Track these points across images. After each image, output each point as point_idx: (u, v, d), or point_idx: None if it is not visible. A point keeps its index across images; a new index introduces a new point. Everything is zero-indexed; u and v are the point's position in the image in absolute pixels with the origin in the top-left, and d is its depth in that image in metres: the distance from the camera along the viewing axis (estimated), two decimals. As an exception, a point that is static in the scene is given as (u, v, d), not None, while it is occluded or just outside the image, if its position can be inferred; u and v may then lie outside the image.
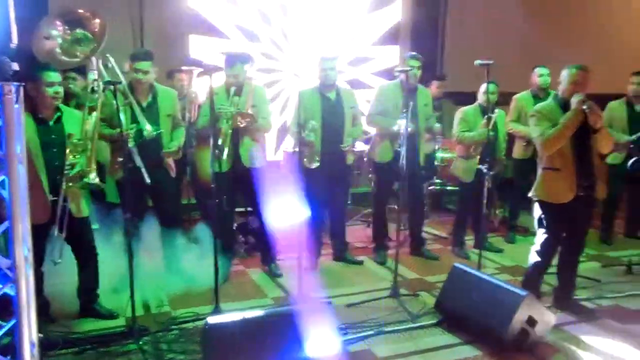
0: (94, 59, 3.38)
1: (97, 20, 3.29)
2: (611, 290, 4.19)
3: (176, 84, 5.23)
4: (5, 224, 2.20)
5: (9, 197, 2.21)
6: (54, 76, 3.26)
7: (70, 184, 3.24)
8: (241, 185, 4.33)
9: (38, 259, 3.33)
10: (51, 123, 3.32)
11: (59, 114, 3.36)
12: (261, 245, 4.55)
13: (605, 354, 3.24)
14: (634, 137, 5.16)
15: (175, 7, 5.91)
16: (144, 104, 3.93)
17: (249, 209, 4.74)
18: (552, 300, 3.87)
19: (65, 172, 3.22)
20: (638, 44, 7.92)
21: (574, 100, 3.48)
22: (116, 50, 3.90)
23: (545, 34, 7.29)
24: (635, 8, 8.43)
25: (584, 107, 3.42)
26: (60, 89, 3.33)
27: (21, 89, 2.27)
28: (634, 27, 8.25)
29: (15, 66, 2.29)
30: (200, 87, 5.09)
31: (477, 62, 3.94)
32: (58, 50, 3.12)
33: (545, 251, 3.78)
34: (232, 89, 4.15)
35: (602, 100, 4.36)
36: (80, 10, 3.13)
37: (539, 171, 3.75)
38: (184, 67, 5.19)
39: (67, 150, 3.26)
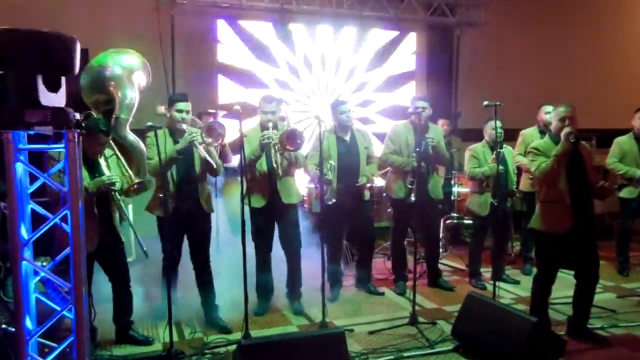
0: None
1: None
2: (625, 320, 4.31)
3: None
4: (67, 250, 2.52)
5: (70, 229, 2.54)
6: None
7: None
8: (277, 220, 4.49)
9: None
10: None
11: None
12: (289, 282, 4.64)
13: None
14: None
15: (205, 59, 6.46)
16: None
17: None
18: (566, 329, 4.02)
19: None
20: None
21: (563, 133, 3.76)
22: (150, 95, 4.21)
23: (548, 75, 7.67)
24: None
25: (571, 137, 3.70)
26: None
27: (80, 136, 2.63)
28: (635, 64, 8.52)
29: (77, 115, 2.65)
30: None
31: (485, 103, 4.21)
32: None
33: (543, 280, 3.95)
34: (270, 124, 4.30)
35: (607, 136, 4.59)
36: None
37: (537, 205, 3.97)
38: (209, 110, 5.58)
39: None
